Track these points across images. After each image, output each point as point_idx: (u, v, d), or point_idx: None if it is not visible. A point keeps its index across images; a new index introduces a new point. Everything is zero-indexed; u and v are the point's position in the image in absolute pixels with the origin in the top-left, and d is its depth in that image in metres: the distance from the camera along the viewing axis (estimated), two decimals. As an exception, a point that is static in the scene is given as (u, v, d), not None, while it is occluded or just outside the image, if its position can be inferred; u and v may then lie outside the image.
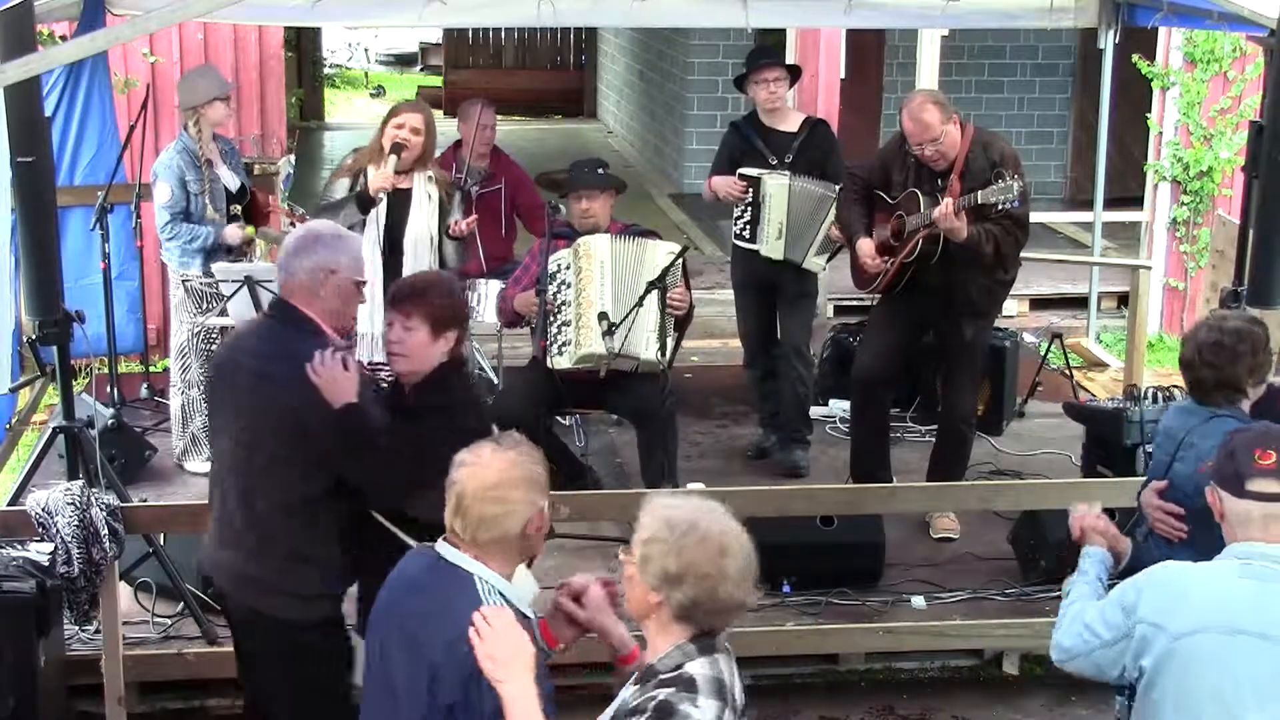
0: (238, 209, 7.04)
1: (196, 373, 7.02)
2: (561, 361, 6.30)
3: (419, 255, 6.33)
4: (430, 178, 6.37)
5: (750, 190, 7.05)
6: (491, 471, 3.12)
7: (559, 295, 6.31)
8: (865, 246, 6.44)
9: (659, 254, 6.25)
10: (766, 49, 7.87)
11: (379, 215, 6.27)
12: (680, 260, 6.30)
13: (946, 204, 6.01)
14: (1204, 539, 3.62)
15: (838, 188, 6.89)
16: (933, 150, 6.17)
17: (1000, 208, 6.00)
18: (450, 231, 6.43)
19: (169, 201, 6.80)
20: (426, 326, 4.15)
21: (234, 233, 6.92)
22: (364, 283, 4.20)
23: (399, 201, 6.28)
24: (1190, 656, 3.20)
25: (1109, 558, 3.79)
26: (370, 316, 6.22)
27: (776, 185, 7.00)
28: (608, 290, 6.22)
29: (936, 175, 6.24)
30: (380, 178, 6.18)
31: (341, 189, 6.34)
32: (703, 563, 2.92)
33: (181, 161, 6.81)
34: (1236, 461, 3.29)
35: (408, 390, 4.28)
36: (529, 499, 3.14)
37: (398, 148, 6.23)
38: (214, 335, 7.01)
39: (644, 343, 6.19)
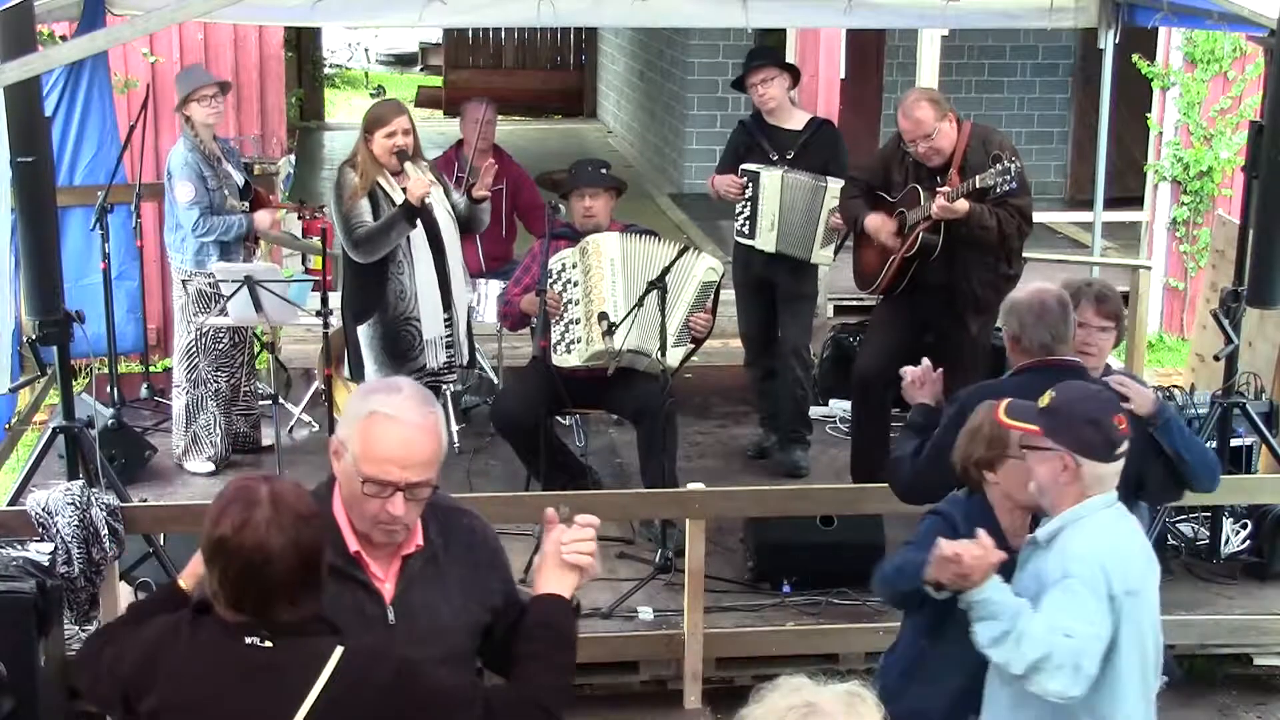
0: (244, 206, 7.04)
1: (204, 371, 7.02)
2: (570, 359, 6.30)
3: (454, 241, 6.39)
4: (423, 167, 6.35)
5: (749, 186, 7.07)
6: None
7: (565, 294, 6.31)
8: (875, 219, 6.43)
9: (700, 266, 6.29)
10: (760, 50, 7.85)
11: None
12: (716, 282, 6.35)
13: (944, 191, 6.02)
14: None
15: (828, 178, 6.93)
16: (926, 147, 6.18)
17: (999, 189, 6.01)
18: (476, 197, 6.44)
19: (195, 197, 6.72)
20: None
21: (265, 218, 6.89)
22: (384, 484, 2.87)
23: None
24: (1139, 606, 3.47)
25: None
26: (436, 320, 6.26)
27: (770, 177, 7.03)
28: (619, 287, 6.23)
29: (935, 173, 6.25)
30: (419, 185, 6.06)
31: (366, 210, 6.16)
32: None
33: (196, 159, 6.78)
34: (1105, 430, 3.47)
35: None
36: None
37: (404, 155, 6.17)
38: (222, 334, 7.01)
39: (646, 341, 6.20)
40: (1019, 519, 3.77)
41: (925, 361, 4.77)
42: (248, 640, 2.68)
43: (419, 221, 6.15)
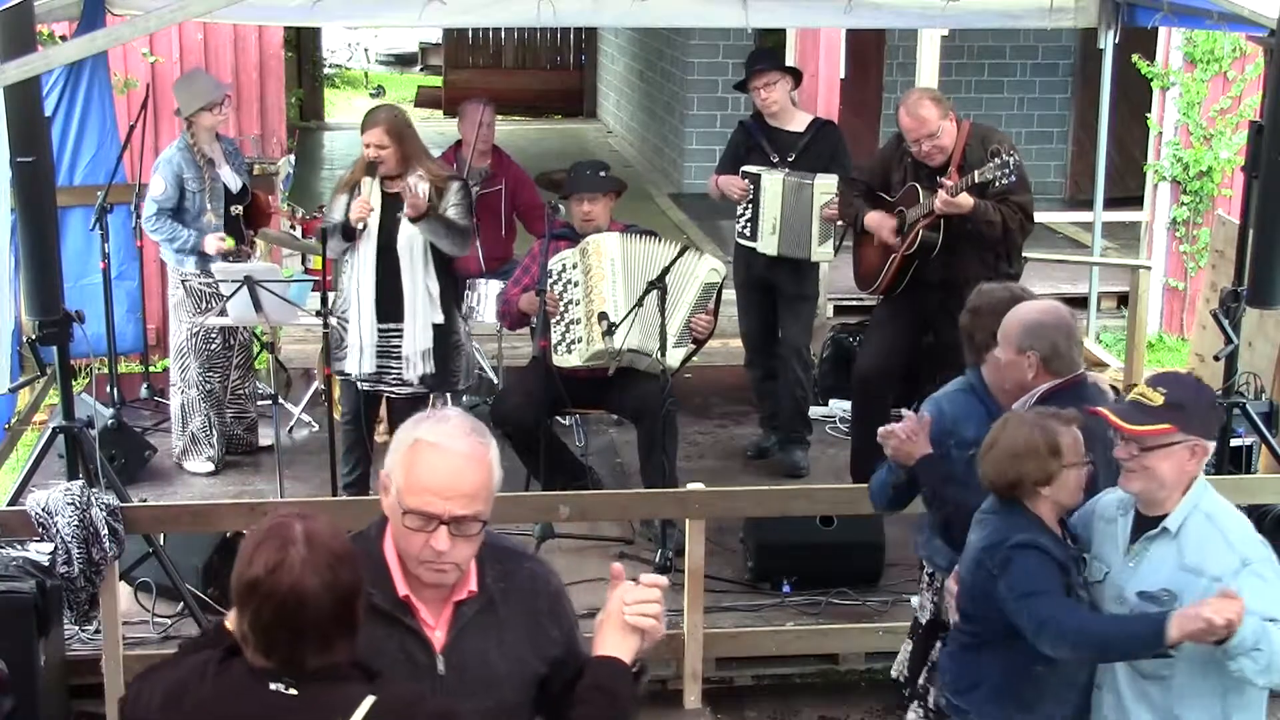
0: (239, 209, 7.04)
1: (196, 373, 7.03)
2: (570, 359, 6.30)
3: (414, 256, 6.25)
4: (421, 176, 6.23)
5: (750, 188, 7.07)
6: None
7: (565, 294, 6.31)
8: (875, 215, 6.44)
9: (702, 268, 6.29)
10: (761, 53, 7.84)
11: (372, 225, 6.22)
12: (718, 284, 6.37)
13: (946, 186, 6.02)
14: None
15: (815, 175, 6.94)
16: (929, 145, 6.18)
17: (998, 184, 6.01)
18: (409, 216, 6.13)
19: (160, 195, 6.82)
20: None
21: (212, 243, 6.87)
22: (427, 516, 2.72)
23: (392, 206, 6.24)
24: None
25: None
26: (359, 325, 6.24)
27: (772, 180, 7.03)
28: (619, 287, 6.23)
29: (935, 172, 6.25)
30: (358, 207, 6.14)
31: (340, 207, 6.27)
32: None
33: (181, 159, 6.82)
34: (1220, 410, 3.85)
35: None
36: None
37: (372, 168, 6.21)
38: (214, 335, 7.02)
39: (647, 341, 6.20)
40: (1057, 515, 3.80)
41: (908, 413, 4.36)
42: (272, 686, 2.53)
43: (359, 234, 6.20)
